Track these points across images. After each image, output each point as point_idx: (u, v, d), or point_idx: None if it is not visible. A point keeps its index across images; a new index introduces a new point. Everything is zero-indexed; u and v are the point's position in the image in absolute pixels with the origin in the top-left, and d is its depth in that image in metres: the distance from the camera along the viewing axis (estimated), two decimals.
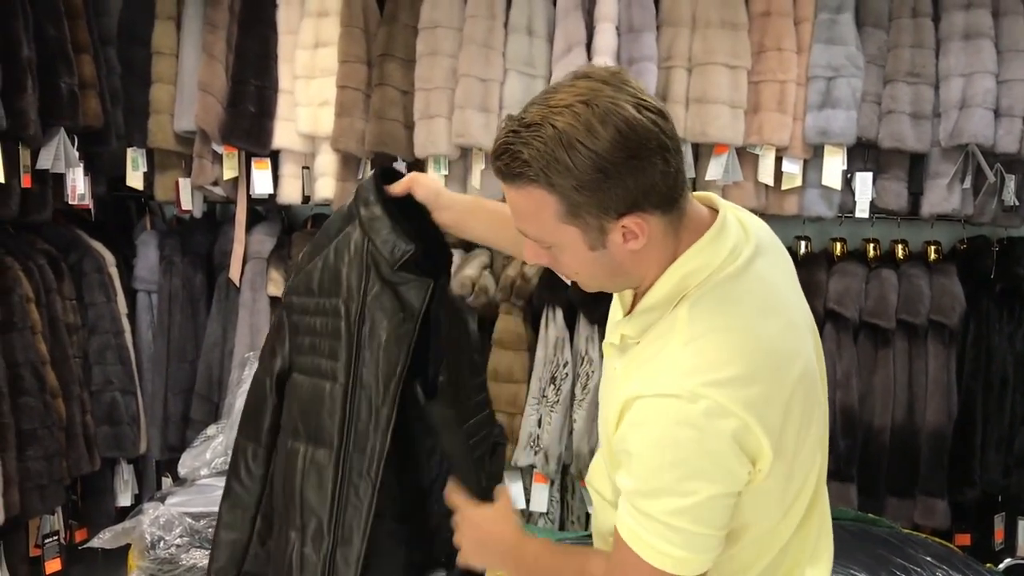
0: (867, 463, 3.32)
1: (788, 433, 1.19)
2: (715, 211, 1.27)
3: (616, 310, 1.37)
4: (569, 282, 3.36)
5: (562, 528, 3.43)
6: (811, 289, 3.31)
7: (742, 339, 1.16)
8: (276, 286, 3.61)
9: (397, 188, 1.55)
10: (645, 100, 1.14)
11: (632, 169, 1.12)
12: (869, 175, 3.33)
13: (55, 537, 3.28)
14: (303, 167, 3.61)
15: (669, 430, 1.12)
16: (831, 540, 1.43)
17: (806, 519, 1.33)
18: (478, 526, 1.42)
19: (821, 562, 1.39)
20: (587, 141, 1.10)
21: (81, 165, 3.33)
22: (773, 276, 1.28)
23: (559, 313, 3.40)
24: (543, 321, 3.41)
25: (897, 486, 3.31)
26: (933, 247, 3.45)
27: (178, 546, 2.78)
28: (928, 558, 2.87)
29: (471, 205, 1.60)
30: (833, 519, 3.10)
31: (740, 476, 1.15)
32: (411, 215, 1.55)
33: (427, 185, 1.57)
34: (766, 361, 1.17)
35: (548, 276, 3.40)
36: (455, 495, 1.48)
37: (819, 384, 1.30)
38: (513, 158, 1.15)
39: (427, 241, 1.55)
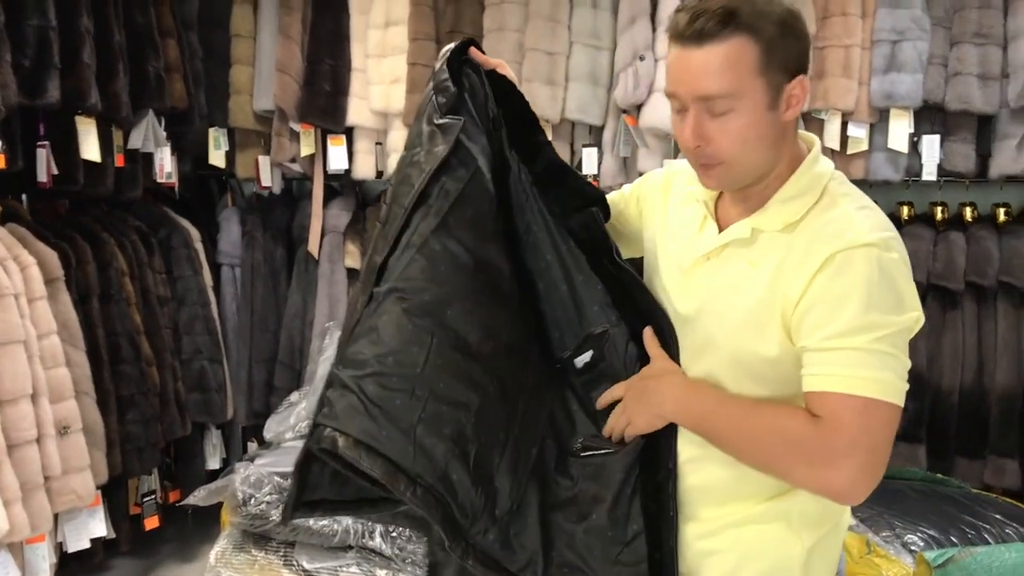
0: (936, 425, 3.34)
1: None
2: (809, 140, 1.46)
3: (691, 227, 1.47)
4: None
5: None
6: None
7: (886, 218, 1.35)
8: (353, 258, 3.75)
9: (486, 60, 1.57)
10: None
11: (802, 33, 1.34)
12: (936, 138, 3.33)
13: (152, 496, 3.48)
14: (376, 143, 3.74)
15: (873, 272, 1.27)
16: None
17: None
18: (639, 380, 1.46)
19: None
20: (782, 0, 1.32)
21: (168, 145, 3.50)
22: None
23: None
24: None
25: (966, 447, 3.33)
26: (1002, 209, 3.44)
27: (268, 503, 2.94)
28: (998, 516, 2.89)
29: None
30: (902, 479, 3.16)
31: (917, 311, 1.31)
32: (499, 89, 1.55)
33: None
34: (901, 247, 1.34)
35: None
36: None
37: None
38: (720, 10, 1.29)
39: (517, 116, 1.57)
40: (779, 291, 1.32)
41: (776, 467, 1.35)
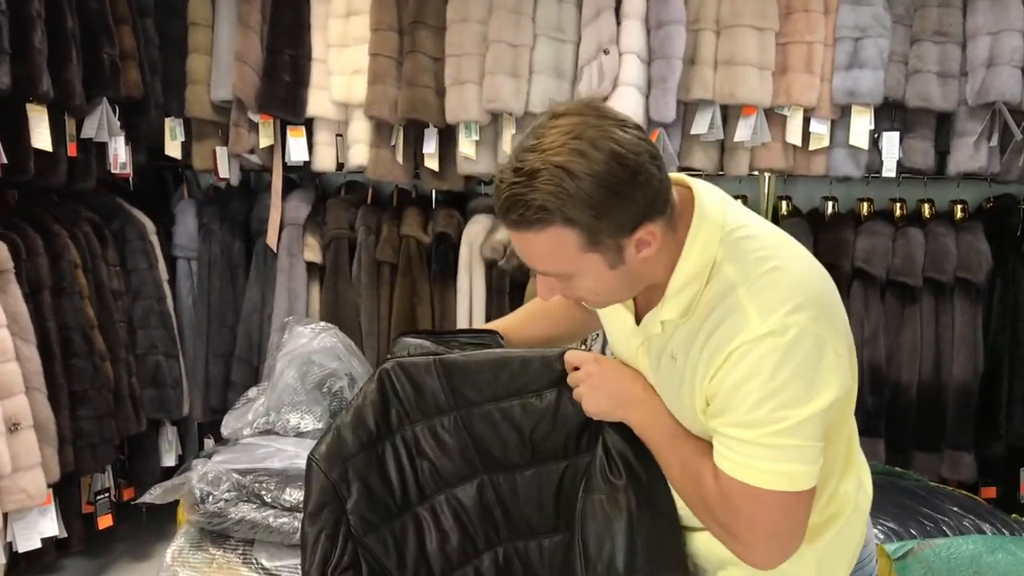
0: (894, 419, 3.38)
1: (851, 352, 1.30)
2: (685, 187, 1.35)
3: (621, 319, 1.44)
4: None
5: None
6: (838, 248, 3.37)
7: (791, 274, 1.26)
8: (312, 252, 3.70)
9: None
10: (623, 120, 1.22)
11: (638, 184, 1.20)
12: (896, 134, 3.37)
13: (106, 494, 3.40)
14: (337, 134, 3.68)
15: (769, 363, 1.20)
16: (861, 453, 1.50)
17: (837, 436, 1.40)
18: (610, 373, 1.43)
19: (851, 473, 1.45)
20: (589, 170, 1.17)
21: (123, 134, 3.42)
22: (763, 222, 1.38)
23: None
24: None
25: (924, 441, 3.37)
26: (959, 206, 3.49)
27: (226, 500, 2.88)
28: (955, 508, 2.93)
29: (515, 327, 1.70)
30: None
31: (831, 392, 1.23)
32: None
33: None
34: (818, 289, 1.27)
35: None
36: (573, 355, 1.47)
37: None
38: (527, 207, 1.19)
39: None
40: (696, 382, 1.30)
41: (701, 519, 1.37)
